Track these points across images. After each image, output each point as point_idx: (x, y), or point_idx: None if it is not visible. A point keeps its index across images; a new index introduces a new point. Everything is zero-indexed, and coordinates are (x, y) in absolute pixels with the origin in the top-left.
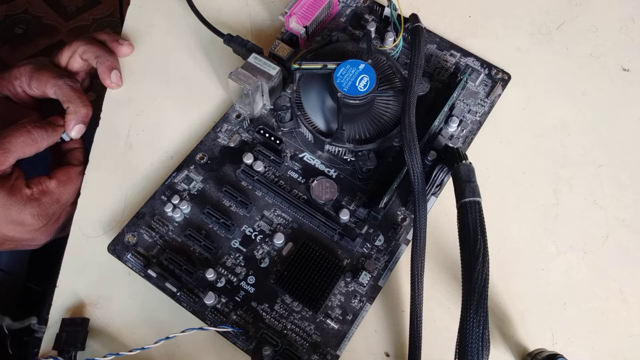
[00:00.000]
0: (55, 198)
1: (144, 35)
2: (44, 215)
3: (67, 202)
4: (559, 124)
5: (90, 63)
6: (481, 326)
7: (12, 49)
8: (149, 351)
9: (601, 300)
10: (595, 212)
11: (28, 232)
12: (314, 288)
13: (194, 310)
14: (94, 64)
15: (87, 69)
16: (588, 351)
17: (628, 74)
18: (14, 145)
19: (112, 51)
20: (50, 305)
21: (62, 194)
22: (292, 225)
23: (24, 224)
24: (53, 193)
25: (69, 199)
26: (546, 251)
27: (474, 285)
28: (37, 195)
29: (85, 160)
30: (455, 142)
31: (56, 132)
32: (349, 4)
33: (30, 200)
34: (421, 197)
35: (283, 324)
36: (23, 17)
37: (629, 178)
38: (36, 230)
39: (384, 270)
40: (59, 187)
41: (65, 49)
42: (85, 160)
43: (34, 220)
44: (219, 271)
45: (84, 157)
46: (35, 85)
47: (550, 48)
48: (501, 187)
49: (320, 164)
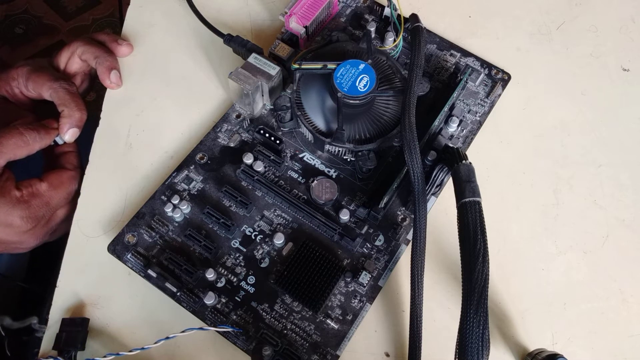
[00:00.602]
0: (45, 201)
1: (144, 35)
2: (32, 217)
3: (57, 205)
4: (559, 124)
5: (90, 64)
6: (481, 326)
7: (12, 49)
8: (149, 351)
9: (601, 300)
10: (595, 212)
11: (16, 234)
12: (314, 288)
13: (194, 310)
14: (93, 65)
15: (87, 70)
16: (588, 351)
17: (628, 74)
18: (5, 147)
19: (112, 51)
20: (50, 305)
21: (52, 197)
22: (292, 225)
23: (12, 225)
24: (43, 196)
25: (59, 203)
26: (546, 251)
27: (474, 285)
28: (26, 198)
29: (79, 164)
30: (455, 142)
31: (49, 134)
32: (349, 4)
33: (19, 202)
34: (421, 197)
35: (283, 324)
36: (23, 17)
37: (629, 178)
38: (24, 232)
39: (384, 270)
40: (49, 190)
41: (64, 50)
42: (79, 164)
43: (22, 223)
44: (219, 271)
45: (78, 161)
46: (32, 87)
47: (550, 48)
48: (501, 187)
49: (320, 164)
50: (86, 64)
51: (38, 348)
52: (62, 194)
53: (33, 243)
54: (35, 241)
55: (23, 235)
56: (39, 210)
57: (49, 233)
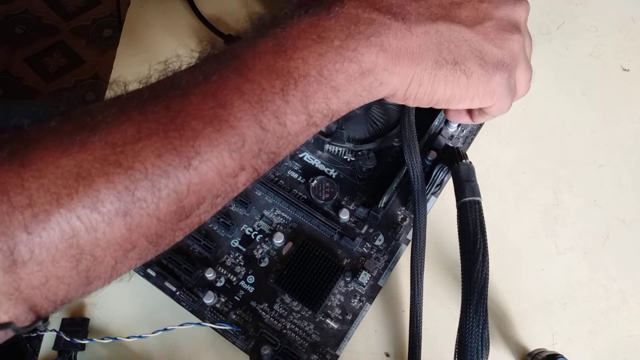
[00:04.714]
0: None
1: (144, 35)
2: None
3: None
4: (559, 124)
5: None
6: (481, 326)
7: (12, 49)
8: (149, 351)
9: (601, 300)
10: (595, 212)
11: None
12: (314, 288)
13: (193, 310)
14: None
15: None
16: (588, 351)
17: (628, 74)
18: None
19: None
20: None
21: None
22: (292, 224)
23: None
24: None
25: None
26: (546, 251)
27: (474, 285)
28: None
29: None
30: (455, 142)
31: None
32: None
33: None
34: (421, 196)
35: (282, 323)
36: (23, 17)
37: (629, 178)
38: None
39: (384, 270)
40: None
41: None
42: None
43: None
44: (218, 270)
45: None
46: None
47: (550, 48)
48: (501, 187)
49: (320, 163)
50: None
51: (38, 348)
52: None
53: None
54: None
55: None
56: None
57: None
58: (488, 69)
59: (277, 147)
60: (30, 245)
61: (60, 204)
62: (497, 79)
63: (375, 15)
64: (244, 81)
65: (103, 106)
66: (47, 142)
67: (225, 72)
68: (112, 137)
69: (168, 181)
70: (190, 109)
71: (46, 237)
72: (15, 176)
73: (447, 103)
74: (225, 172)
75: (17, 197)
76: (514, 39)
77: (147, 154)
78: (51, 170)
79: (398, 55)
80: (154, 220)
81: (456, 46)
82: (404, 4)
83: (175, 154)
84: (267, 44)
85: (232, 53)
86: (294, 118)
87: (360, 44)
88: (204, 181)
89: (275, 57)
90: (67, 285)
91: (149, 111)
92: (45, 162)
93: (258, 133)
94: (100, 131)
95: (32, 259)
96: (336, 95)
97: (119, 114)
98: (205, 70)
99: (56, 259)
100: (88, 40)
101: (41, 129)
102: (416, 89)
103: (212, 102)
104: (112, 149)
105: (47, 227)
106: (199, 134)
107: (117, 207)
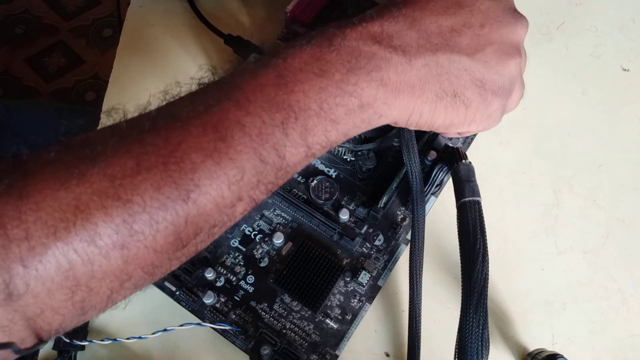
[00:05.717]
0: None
1: (144, 35)
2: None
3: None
4: (559, 124)
5: None
6: (481, 326)
7: (12, 49)
8: (149, 351)
9: (601, 300)
10: (595, 212)
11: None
12: (313, 287)
13: (193, 310)
14: None
15: None
16: (588, 351)
17: (628, 74)
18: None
19: None
20: None
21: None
22: (292, 224)
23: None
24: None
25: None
26: (546, 251)
27: (474, 284)
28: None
29: None
30: (455, 142)
31: None
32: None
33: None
34: (419, 196)
35: (282, 323)
36: (23, 17)
37: (629, 178)
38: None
39: (384, 270)
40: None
41: None
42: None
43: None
44: (218, 270)
45: None
46: None
47: (550, 48)
48: (501, 187)
49: (320, 163)
50: None
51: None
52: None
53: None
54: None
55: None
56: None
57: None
58: (487, 96)
59: (275, 178)
60: (26, 278)
61: (57, 237)
62: (495, 105)
63: (376, 48)
64: (244, 114)
65: (102, 136)
66: (45, 174)
67: (226, 104)
68: (111, 170)
69: (166, 214)
70: (190, 141)
71: (42, 270)
72: (13, 208)
73: (445, 129)
74: (223, 204)
75: (14, 230)
76: (513, 63)
77: (146, 186)
78: (49, 203)
79: (398, 89)
80: (151, 252)
81: (456, 77)
82: (404, 35)
83: (174, 187)
84: (268, 76)
85: (233, 82)
86: (293, 150)
87: (360, 79)
88: (202, 213)
89: (276, 89)
90: (62, 316)
91: (148, 143)
92: (43, 194)
93: (257, 165)
94: (99, 163)
95: (27, 292)
96: (335, 127)
97: (118, 146)
98: (206, 100)
99: (52, 291)
100: (88, 40)
101: (40, 160)
102: (417, 119)
103: (212, 135)
104: (110, 182)
105: (44, 260)
106: (198, 166)
107: (115, 240)
